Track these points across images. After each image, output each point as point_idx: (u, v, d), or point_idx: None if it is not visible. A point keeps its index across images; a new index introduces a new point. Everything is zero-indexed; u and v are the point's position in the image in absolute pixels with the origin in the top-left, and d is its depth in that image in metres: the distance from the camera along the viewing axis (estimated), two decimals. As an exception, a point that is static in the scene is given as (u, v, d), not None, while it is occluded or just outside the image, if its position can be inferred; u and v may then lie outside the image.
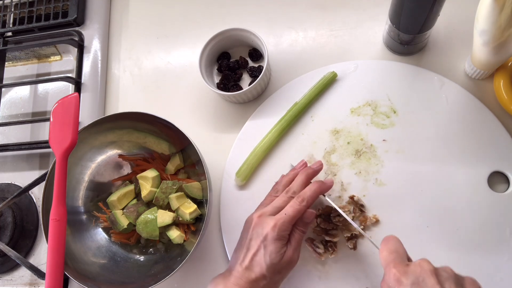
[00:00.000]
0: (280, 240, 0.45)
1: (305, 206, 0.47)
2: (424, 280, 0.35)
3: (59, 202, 0.47)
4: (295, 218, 0.46)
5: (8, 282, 0.64)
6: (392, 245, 0.40)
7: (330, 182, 0.51)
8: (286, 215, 0.46)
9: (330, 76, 0.59)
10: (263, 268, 0.44)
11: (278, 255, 0.45)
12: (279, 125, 0.58)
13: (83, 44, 0.72)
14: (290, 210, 0.46)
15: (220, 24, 0.68)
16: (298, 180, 0.50)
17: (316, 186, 0.49)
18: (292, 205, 0.47)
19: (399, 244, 0.40)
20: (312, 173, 0.51)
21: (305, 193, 0.48)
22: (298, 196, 0.48)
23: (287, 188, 0.50)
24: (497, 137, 0.53)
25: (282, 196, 0.49)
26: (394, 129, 0.56)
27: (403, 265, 0.37)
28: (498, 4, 0.42)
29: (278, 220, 0.45)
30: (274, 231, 0.45)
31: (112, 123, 0.55)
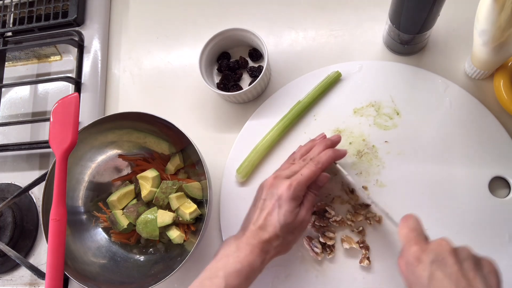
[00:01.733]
0: (295, 200, 0.46)
1: (320, 169, 0.48)
2: (443, 259, 0.36)
3: (59, 202, 0.47)
4: (310, 179, 0.47)
5: (8, 282, 0.64)
6: (413, 223, 0.41)
7: (344, 151, 0.52)
8: (302, 175, 0.47)
9: (334, 75, 0.59)
10: (277, 227, 0.44)
11: (292, 215, 0.45)
12: (282, 123, 0.58)
13: (83, 44, 0.72)
14: (305, 171, 0.47)
15: (220, 24, 0.68)
16: (316, 150, 0.51)
17: (331, 151, 0.50)
18: (308, 166, 0.48)
19: (419, 223, 0.41)
20: (330, 144, 0.52)
21: (321, 157, 0.49)
22: (313, 159, 0.48)
23: (304, 156, 0.50)
24: (498, 141, 0.52)
25: (299, 162, 0.49)
26: (397, 130, 0.56)
27: (424, 243, 0.38)
28: (498, 4, 0.42)
29: (293, 181, 0.46)
30: (289, 190, 0.45)
31: (112, 123, 0.55)
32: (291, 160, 0.51)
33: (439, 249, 0.37)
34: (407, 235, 0.40)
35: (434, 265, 0.36)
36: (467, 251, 0.37)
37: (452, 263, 0.36)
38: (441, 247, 0.37)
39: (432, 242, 0.38)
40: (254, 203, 0.49)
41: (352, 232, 0.53)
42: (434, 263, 0.36)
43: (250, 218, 0.47)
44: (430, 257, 0.36)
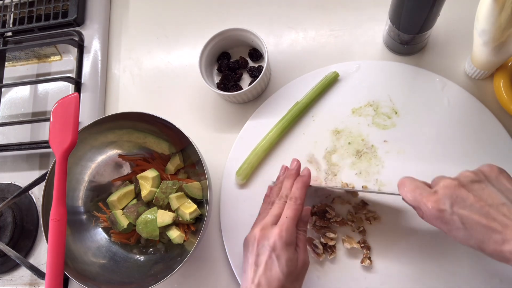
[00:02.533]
0: (290, 245, 0.44)
1: (300, 204, 0.47)
2: (458, 196, 0.37)
3: (59, 202, 0.47)
4: (296, 218, 0.46)
5: (8, 282, 0.64)
6: (410, 184, 0.42)
7: (307, 172, 0.51)
8: (287, 218, 0.45)
9: (332, 76, 0.59)
10: (281, 279, 0.42)
11: (293, 262, 0.44)
12: (280, 124, 0.58)
13: (83, 44, 0.72)
14: (289, 212, 0.46)
15: (220, 24, 0.68)
16: (286, 184, 0.50)
17: (299, 182, 0.50)
18: (289, 207, 0.47)
19: (414, 180, 0.42)
20: (295, 173, 0.52)
21: (295, 193, 0.48)
22: (290, 198, 0.48)
23: (279, 195, 0.49)
24: (497, 140, 0.53)
25: (277, 203, 0.48)
26: (395, 130, 0.56)
27: (433, 195, 0.39)
28: (498, 4, 0.42)
29: (282, 226, 0.45)
30: (281, 238, 0.44)
31: (112, 123, 0.55)
32: (267, 205, 0.50)
33: (448, 191, 0.38)
34: (414, 197, 0.40)
35: (455, 206, 0.37)
36: (467, 174, 0.39)
37: (466, 194, 0.37)
38: (448, 188, 0.38)
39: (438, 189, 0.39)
40: (246, 261, 0.46)
41: (353, 232, 0.53)
42: (454, 205, 0.37)
43: (247, 278, 0.44)
44: (448, 202, 0.38)
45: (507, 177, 0.39)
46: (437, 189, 0.39)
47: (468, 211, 0.37)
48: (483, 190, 0.38)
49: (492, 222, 0.36)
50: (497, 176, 0.39)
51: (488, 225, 0.36)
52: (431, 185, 0.42)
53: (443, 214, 0.38)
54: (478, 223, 0.36)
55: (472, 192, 0.37)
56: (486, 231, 0.36)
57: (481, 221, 0.36)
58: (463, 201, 0.37)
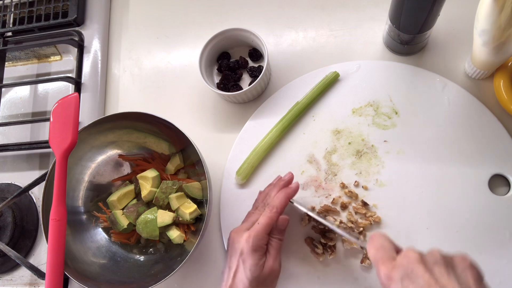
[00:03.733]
0: (257, 251, 0.45)
1: (276, 213, 0.47)
2: (412, 271, 0.35)
3: (59, 202, 0.47)
4: (268, 225, 0.46)
5: (8, 282, 0.64)
6: (378, 242, 0.39)
7: (295, 185, 0.50)
8: (258, 224, 0.46)
9: (332, 76, 0.59)
10: (246, 284, 0.44)
11: (257, 268, 0.44)
12: (281, 124, 0.58)
13: (83, 44, 0.72)
14: (262, 219, 0.47)
15: (220, 24, 0.68)
16: (271, 193, 0.50)
17: (282, 192, 0.49)
18: (263, 214, 0.47)
19: (384, 240, 0.39)
20: (284, 184, 0.51)
21: (274, 201, 0.48)
22: (268, 205, 0.48)
23: (263, 203, 0.50)
24: (498, 140, 0.53)
25: (258, 210, 0.49)
26: (396, 130, 0.56)
27: (390, 261, 0.37)
28: (498, 4, 0.42)
29: (251, 231, 0.46)
30: (248, 242, 0.45)
31: (112, 123, 0.55)
32: (253, 210, 0.51)
33: (406, 262, 0.35)
34: (375, 256, 0.38)
35: (406, 280, 0.34)
36: (436, 254, 0.36)
37: (422, 272, 0.34)
38: (408, 259, 0.36)
39: (398, 257, 0.37)
40: (225, 261, 0.48)
41: (353, 232, 0.53)
42: (405, 278, 0.35)
43: (222, 279, 0.46)
44: (400, 273, 0.35)
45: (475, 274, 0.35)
46: (398, 257, 0.37)
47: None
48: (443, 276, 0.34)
49: None
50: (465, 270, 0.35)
51: None
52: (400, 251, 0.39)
53: (391, 283, 0.35)
54: None
55: (430, 272, 0.34)
56: None
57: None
58: (416, 278, 0.34)
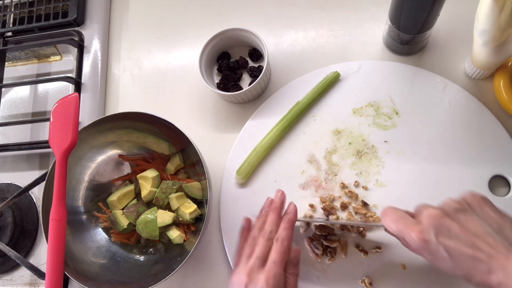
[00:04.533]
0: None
1: (288, 246, 0.44)
2: (442, 226, 0.37)
3: (59, 202, 0.47)
4: (284, 261, 0.44)
5: (8, 282, 0.64)
6: (393, 215, 0.41)
7: (293, 209, 0.48)
8: (274, 263, 0.43)
9: (333, 76, 0.59)
10: None
11: None
12: (281, 124, 0.58)
13: (83, 44, 0.72)
14: (276, 256, 0.43)
15: (220, 24, 0.68)
16: (270, 219, 0.47)
17: (285, 222, 0.47)
18: (275, 250, 0.44)
19: (397, 210, 0.41)
20: (280, 206, 0.49)
21: (281, 234, 0.45)
22: (277, 239, 0.45)
23: (263, 231, 0.46)
24: (498, 140, 0.53)
25: (261, 242, 0.45)
26: (396, 130, 0.56)
27: (416, 225, 0.38)
28: (498, 4, 0.42)
29: (269, 272, 0.42)
30: (269, 285, 0.41)
31: (112, 123, 0.55)
32: (251, 240, 0.47)
33: (433, 220, 0.38)
34: (398, 228, 0.40)
35: (440, 237, 0.37)
36: (451, 204, 0.39)
37: (451, 224, 0.37)
38: (432, 218, 0.38)
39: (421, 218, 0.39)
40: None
41: (353, 234, 0.53)
42: (439, 235, 0.37)
43: None
44: (432, 233, 0.37)
45: (490, 205, 0.39)
46: (421, 219, 0.39)
47: (454, 241, 0.36)
48: (468, 219, 0.37)
49: (478, 252, 0.35)
50: (480, 205, 0.39)
51: (474, 256, 0.35)
52: (414, 213, 0.41)
53: (428, 244, 0.37)
54: (464, 254, 0.36)
55: (457, 221, 0.37)
56: (472, 261, 0.35)
57: (467, 251, 0.35)
58: (448, 231, 0.37)
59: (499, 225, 0.37)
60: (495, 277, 0.34)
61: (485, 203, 0.39)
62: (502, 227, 0.37)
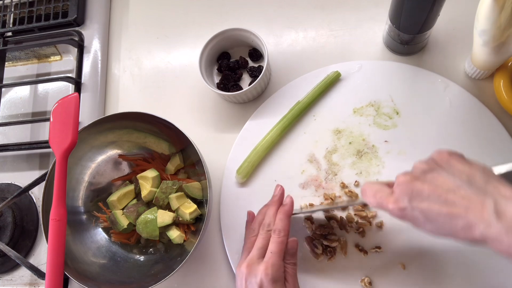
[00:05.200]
0: (278, 281, 0.43)
1: (285, 236, 0.46)
2: (413, 191, 0.36)
3: (59, 202, 0.47)
4: (282, 252, 0.45)
5: (8, 282, 0.64)
6: (370, 190, 0.40)
7: (290, 200, 0.50)
8: (272, 253, 0.45)
9: (334, 75, 0.59)
10: None
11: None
12: (281, 123, 0.58)
13: (83, 44, 0.72)
14: (274, 247, 0.45)
15: (220, 24, 0.68)
16: (269, 212, 0.49)
17: (281, 213, 0.48)
18: (273, 241, 0.46)
19: (374, 184, 0.41)
20: (278, 200, 0.51)
21: (278, 225, 0.47)
22: (274, 230, 0.47)
23: (262, 224, 0.49)
24: (498, 141, 0.52)
25: (260, 234, 0.47)
26: (397, 130, 0.56)
27: (391, 196, 0.38)
28: (498, 4, 0.42)
29: (268, 262, 0.44)
30: (268, 275, 0.43)
31: (112, 123, 0.55)
32: (251, 233, 0.49)
33: (404, 187, 0.37)
34: (376, 201, 0.39)
35: (414, 202, 0.36)
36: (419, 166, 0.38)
37: (421, 186, 0.36)
38: (402, 185, 0.37)
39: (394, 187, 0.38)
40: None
41: (353, 234, 0.53)
42: (412, 200, 0.36)
43: None
44: (405, 200, 0.36)
45: (458, 158, 0.38)
46: (394, 188, 0.38)
47: (427, 203, 0.35)
48: (437, 178, 0.36)
49: (452, 208, 0.34)
50: (448, 160, 0.38)
51: (450, 212, 0.34)
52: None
53: (405, 212, 0.36)
54: (439, 213, 0.34)
55: (427, 183, 0.36)
56: (450, 219, 0.34)
57: (442, 210, 0.34)
58: (420, 194, 0.36)
59: (468, 175, 0.36)
60: (477, 231, 0.33)
61: (451, 157, 0.38)
62: (472, 177, 0.35)
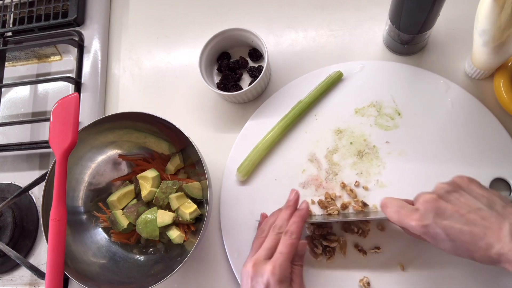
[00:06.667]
0: (284, 282, 0.42)
1: (296, 239, 0.45)
2: (438, 209, 0.39)
3: (59, 202, 0.47)
4: (291, 253, 0.44)
5: (8, 282, 0.64)
6: (392, 206, 0.42)
7: (306, 205, 0.50)
8: (281, 254, 0.44)
9: (336, 75, 0.59)
10: None
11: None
12: (283, 122, 0.58)
13: (83, 44, 0.72)
14: (283, 248, 0.44)
15: (220, 24, 0.68)
16: (283, 215, 0.48)
17: (297, 217, 0.48)
18: (283, 242, 0.45)
19: (396, 200, 0.43)
20: (293, 205, 0.50)
21: (291, 227, 0.46)
22: (286, 232, 0.46)
23: (273, 225, 0.48)
24: (499, 142, 0.52)
25: (270, 235, 0.47)
26: (398, 131, 0.56)
27: (414, 212, 0.40)
28: (498, 4, 0.42)
29: (275, 262, 0.43)
30: (274, 275, 0.42)
31: (112, 123, 0.55)
32: (260, 234, 0.48)
33: (428, 205, 0.39)
34: (399, 218, 0.41)
35: (437, 219, 0.38)
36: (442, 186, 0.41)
37: (445, 205, 0.39)
38: (427, 202, 0.40)
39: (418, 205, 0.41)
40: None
41: (353, 234, 0.53)
42: (436, 218, 0.38)
43: None
44: (430, 217, 0.39)
45: (477, 184, 0.41)
46: (417, 205, 0.40)
47: (450, 221, 0.38)
48: (459, 198, 0.39)
49: (473, 227, 0.37)
50: (469, 185, 0.41)
51: (470, 231, 0.37)
52: (414, 201, 0.43)
53: (428, 229, 0.39)
54: (461, 231, 0.37)
55: (450, 202, 0.39)
56: (470, 238, 0.37)
57: (463, 228, 0.37)
58: (444, 212, 0.38)
59: (488, 200, 0.39)
60: (494, 250, 0.36)
61: (472, 182, 0.41)
62: (492, 202, 0.39)
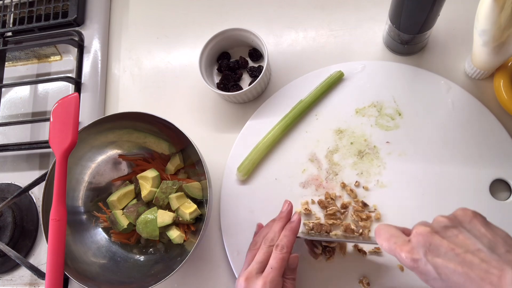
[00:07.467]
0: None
1: (287, 253, 0.45)
2: (431, 244, 0.36)
3: (59, 202, 0.47)
4: (282, 268, 0.45)
5: (8, 282, 0.64)
6: (385, 233, 0.40)
7: (297, 218, 0.49)
8: (272, 269, 0.44)
9: (337, 75, 0.59)
10: None
11: None
12: (283, 122, 0.58)
13: (83, 44, 0.72)
14: (274, 263, 0.44)
15: (220, 24, 0.68)
16: (274, 228, 0.48)
17: (288, 230, 0.48)
18: (274, 257, 0.45)
19: (390, 228, 0.40)
20: (286, 217, 0.50)
21: (282, 240, 0.46)
22: (276, 245, 0.46)
23: (265, 238, 0.48)
24: (499, 142, 0.52)
25: (262, 248, 0.47)
26: (399, 131, 0.56)
27: (406, 244, 0.37)
28: (498, 4, 0.42)
29: (266, 278, 0.43)
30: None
31: (112, 123, 0.55)
32: (253, 246, 0.49)
33: (421, 238, 0.36)
34: (389, 247, 0.39)
35: (429, 255, 0.35)
36: (441, 220, 0.37)
37: (440, 241, 0.35)
38: (421, 235, 0.36)
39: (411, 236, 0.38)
40: None
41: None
42: (427, 254, 0.35)
43: None
44: (421, 251, 0.36)
45: (481, 221, 0.37)
46: (411, 238, 0.37)
47: (443, 259, 0.34)
48: (458, 236, 0.35)
49: (469, 270, 0.33)
50: (471, 221, 0.37)
51: (465, 274, 0.33)
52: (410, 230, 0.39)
53: (418, 264, 0.36)
54: (454, 272, 0.34)
55: (446, 238, 0.35)
56: (464, 281, 0.33)
57: (457, 269, 0.33)
58: (437, 249, 0.35)
59: (490, 241, 0.35)
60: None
61: (476, 218, 0.37)
62: (494, 244, 0.34)
